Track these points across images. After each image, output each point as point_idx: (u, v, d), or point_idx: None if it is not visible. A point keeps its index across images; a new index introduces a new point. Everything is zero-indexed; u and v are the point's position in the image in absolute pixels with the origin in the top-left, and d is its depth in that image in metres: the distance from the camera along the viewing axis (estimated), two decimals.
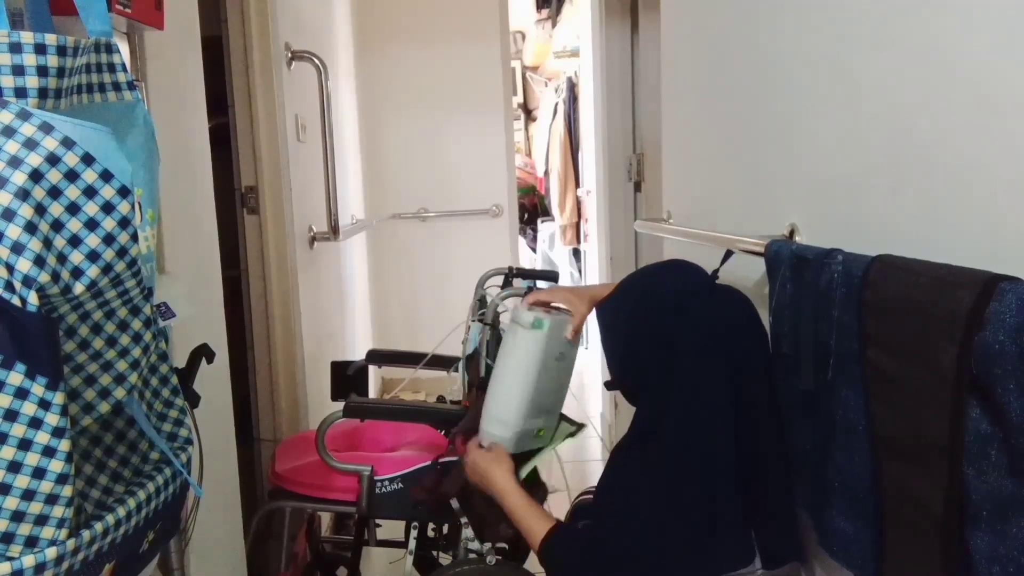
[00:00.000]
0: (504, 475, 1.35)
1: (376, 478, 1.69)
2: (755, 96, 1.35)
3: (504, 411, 1.41)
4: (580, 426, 1.55)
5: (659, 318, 1.12)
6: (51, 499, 0.70)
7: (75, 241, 0.71)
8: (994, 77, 0.78)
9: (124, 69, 0.86)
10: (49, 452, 0.69)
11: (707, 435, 1.08)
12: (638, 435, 1.18)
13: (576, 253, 5.30)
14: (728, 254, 1.21)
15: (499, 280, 2.14)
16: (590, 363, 4.03)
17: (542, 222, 5.64)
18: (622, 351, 1.20)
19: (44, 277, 0.68)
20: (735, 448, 1.08)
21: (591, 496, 1.53)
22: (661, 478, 1.10)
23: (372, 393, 3.22)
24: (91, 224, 0.72)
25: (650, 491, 1.11)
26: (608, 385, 1.27)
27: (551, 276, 2.41)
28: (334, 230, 2.49)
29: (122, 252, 0.75)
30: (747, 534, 1.10)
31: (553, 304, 1.43)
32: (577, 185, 5.00)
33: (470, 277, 2.28)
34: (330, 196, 2.44)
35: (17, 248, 0.66)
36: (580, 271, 5.24)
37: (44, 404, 0.69)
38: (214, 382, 1.44)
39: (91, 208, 0.72)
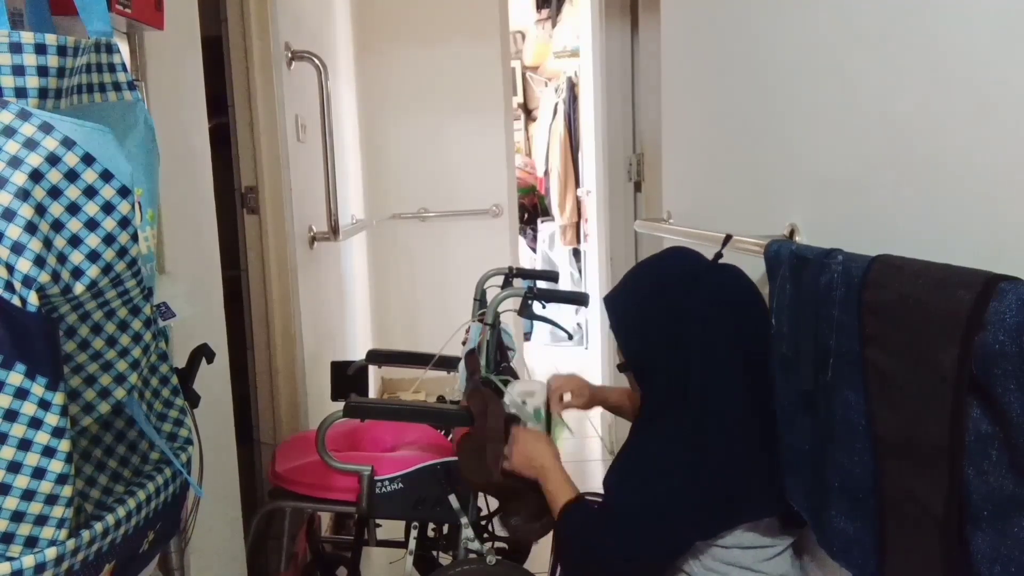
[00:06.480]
0: (551, 454, 1.43)
1: (376, 478, 1.69)
2: (755, 96, 1.35)
3: None
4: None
5: (673, 292, 1.19)
6: (51, 499, 0.70)
7: (75, 241, 0.71)
8: (993, 77, 0.78)
9: (124, 69, 0.86)
10: (49, 452, 0.69)
11: (727, 390, 1.14)
12: (647, 418, 1.23)
13: (576, 253, 5.30)
14: (728, 238, 1.24)
15: (499, 280, 2.14)
16: (590, 363, 4.02)
17: (542, 222, 5.63)
18: (636, 331, 1.24)
19: (44, 277, 0.68)
20: (752, 404, 1.14)
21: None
22: (684, 440, 1.15)
23: (372, 393, 3.22)
24: (91, 224, 0.72)
25: (671, 455, 1.16)
26: (620, 367, 1.32)
27: (551, 276, 2.41)
28: (334, 230, 2.48)
29: (122, 252, 0.75)
30: (772, 485, 1.13)
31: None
32: (577, 185, 4.99)
33: (470, 277, 2.28)
34: (330, 196, 2.44)
35: (17, 248, 0.66)
36: (580, 271, 5.24)
37: (44, 404, 0.69)
38: (214, 382, 1.44)
39: (91, 208, 0.72)
